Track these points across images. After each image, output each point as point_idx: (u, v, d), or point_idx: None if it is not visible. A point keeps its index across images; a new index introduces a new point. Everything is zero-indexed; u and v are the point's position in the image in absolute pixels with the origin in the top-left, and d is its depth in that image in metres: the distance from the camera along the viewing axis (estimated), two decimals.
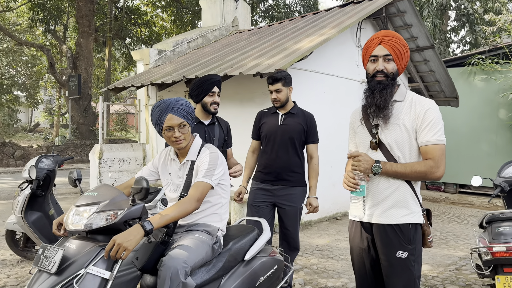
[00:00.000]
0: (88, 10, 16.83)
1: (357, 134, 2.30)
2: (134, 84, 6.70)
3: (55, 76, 17.01)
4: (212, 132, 3.28)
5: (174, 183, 2.43)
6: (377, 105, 2.10)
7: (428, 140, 2.04)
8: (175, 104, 2.29)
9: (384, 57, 2.09)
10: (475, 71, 9.49)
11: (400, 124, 2.08)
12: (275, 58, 5.23)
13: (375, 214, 2.15)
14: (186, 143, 2.35)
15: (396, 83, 2.16)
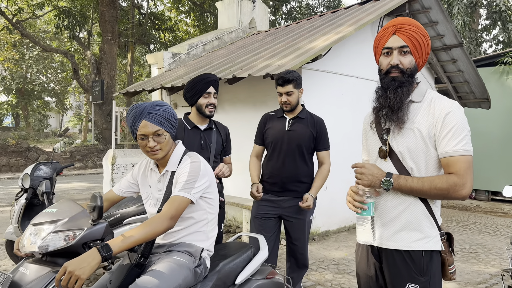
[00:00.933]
0: (111, 16, 16.99)
1: (367, 140, 1.97)
2: (145, 88, 6.53)
3: (79, 81, 17.24)
4: (208, 138, 3.01)
5: (153, 196, 2.15)
6: (390, 106, 1.74)
7: (451, 151, 1.65)
8: (150, 108, 1.99)
9: (400, 49, 1.74)
10: (507, 71, 8.88)
11: (415, 129, 1.72)
12: (286, 58, 4.92)
13: (383, 237, 1.80)
14: (164, 153, 2.06)
15: (415, 81, 1.80)
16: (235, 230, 5.95)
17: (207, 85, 2.90)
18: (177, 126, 2.15)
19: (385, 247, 1.79)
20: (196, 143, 2.94)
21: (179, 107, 7.52)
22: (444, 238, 1.78)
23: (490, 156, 9.11)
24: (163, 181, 2.12)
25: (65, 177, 13.61)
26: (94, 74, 17.54)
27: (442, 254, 1.77)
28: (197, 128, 2.99)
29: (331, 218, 6.05)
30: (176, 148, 2.16)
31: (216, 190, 2.23)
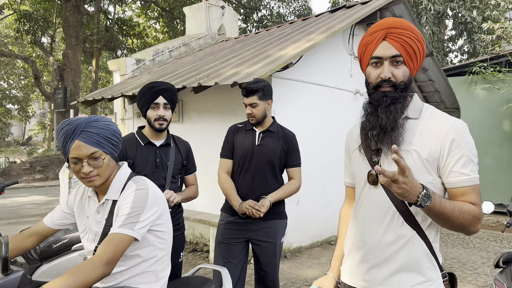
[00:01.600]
0: (75, 21, 16.37)
1: (352, 161, 1.68)
2: (105, 96, 6.10)
3: (40, 88, 16.46)
4: (165, 156, 2.65)
5: (91, 229, 1.78)
6: (382, 127, 1.45)
7: (465, 180, 1.39)
8: (85, 126, 1.63)
9: (392, 59, 1.44)
10: (476, 80, 8.94)
11: (413, 151, 1.43)
12: (256, 66, 4.65)
13: (372, 279, 1.51)
14: (103, 180, 1.69)
15: (409, 94, 1.52)
16: (202, 248, 5.58)
17: (155, 94, 2.53)
18: (120, 145, 1.79)
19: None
20: (150, 162, 2.58)
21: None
22: (447, 280, 1.51)
23: None
24: (102, 212, 1.76)
25: (23, 189, 12.84)
26: (57, 81, 16.81)
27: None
28: (152, 144, 2.62)
29: (304, 233, 5.79)
30: (120, 172, 1.79)
31: (169, 220, 1.89)
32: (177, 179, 2.72)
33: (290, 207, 4.64)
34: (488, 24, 12.65)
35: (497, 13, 14.68)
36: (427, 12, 10.74)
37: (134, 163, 2.53)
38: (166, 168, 2.63)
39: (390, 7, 6.61)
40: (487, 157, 8.85)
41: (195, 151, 3.05)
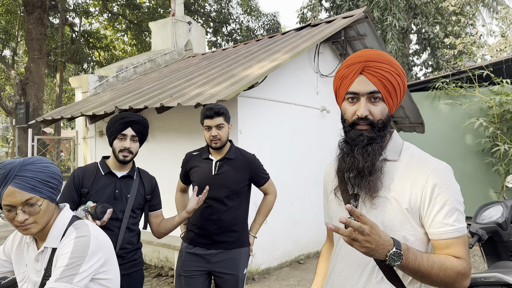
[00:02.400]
0: (39, 33, 15.86)
1: (329, 203, 1.56)
2: (64, 116, 5.85)
3: (1, 103, 15.80)
4: (126, 188, 2.50)
5: (30, 279, 1.62)
6: (359, 170, 1.34)
7: (448, 231, 1.28)
8: (19, 170, 1.48)
9: (369, 96, 1.34)
10: (439, 96, 9.17)
11: (392, 199, 1.33)
12: (220, 86, 4.56)
13: None
14: (40, 227, 1.55)
15: (388, 132, 1.42)
16: (168, 272, 5.39)
17: (124, 126, 2.42)
18: (61, 187, 1.65)
19: None
20: (107, 192, 2.44)
21: (105, 135, 6.88)
22: None
23: None
24: (41, 260, 1.61)
25: None
26: (19, 96, 16.19)
27: None
28: (112, 175, 2.49)
29: (272, 253, 5.69)
30: (60, 216, 1.64)
31: (116, 265, 1.75)
32: (137, 214, 2.56)
33: None
34: (450, 40, 13.11)
35: (458, 28, 15.25)
36: (392, 28, 10.99)
37: (89, 193, 2.40)
38: (126, 202, 2.48)
39: (354, 26, 6.69)
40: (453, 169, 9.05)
41: (161, 171, 2.96)
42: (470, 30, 18.02)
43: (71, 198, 2.38)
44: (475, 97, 8.50)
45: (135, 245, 2.55)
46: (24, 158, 1.55)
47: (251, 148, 5.17)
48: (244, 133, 5.15)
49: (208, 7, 20.94)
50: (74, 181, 2.41)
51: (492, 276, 2.77)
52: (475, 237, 3.49)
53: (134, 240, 2.52)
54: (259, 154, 5.33)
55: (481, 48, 14.53)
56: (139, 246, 2.61)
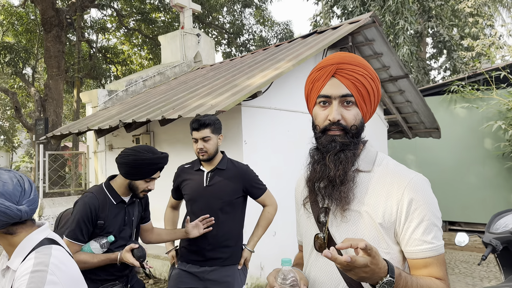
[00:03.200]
0: (57, 51, 16.27)
1: (300, 218, 1.47)
2: (72, 131, 5.92)
3: (21, 120, 16.22)
4: (131, 212, 2.47)
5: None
6: (330, 179, 1.25)
7: (426, 249, 1.19)
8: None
9: (342, 99, 1.26)
10: (455, 99, 8.91)
11: (364, 213, 1.23)
12: (221, 97, 4.52)
13: None
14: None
15: (361, 141, 1.34)
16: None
17: (155, 171, 2.34)
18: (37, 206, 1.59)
19: None
20: (119, 221, 2.38)
21: (115, 148, 6.92)
22: None
23: (444, 185, 8.99)
24: (7, 276, 1.53)
25: None
26: (38, 112, 16.57)
27: None
28: (123, 203, 2.42)
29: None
30: (29, 237, 1.53)
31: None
32: (138, 231, 2.60)
33: (266, 239, 4.45)
34: (468, 41, 12.79)
35: (476, 30, 14.90)
36: (404, 32, 10.79)
37: (105, 224, 2.32)
38: (131, 224, 2.46)
39: (361, 31, 6.57)
40: (471, 175, 8.76)
41: (167, 182, 2.97)
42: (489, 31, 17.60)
43: (87, 231, 2.26)
44: (493, 100, 8.23)
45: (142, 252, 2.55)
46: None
47: (257, 158, 5.10)
48: (249, 143, 5.07)
49: (221, 19, 21.10)
50: (91, 214, 2.26)
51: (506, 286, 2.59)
52: (489, 248, 3.33)
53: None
54: (266, 165, 5.25)
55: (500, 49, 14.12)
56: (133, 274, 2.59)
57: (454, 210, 8.87)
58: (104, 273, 2.31)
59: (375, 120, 8.08)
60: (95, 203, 2.28)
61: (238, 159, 4.95)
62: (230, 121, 5.01)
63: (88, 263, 2.21)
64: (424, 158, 9.36)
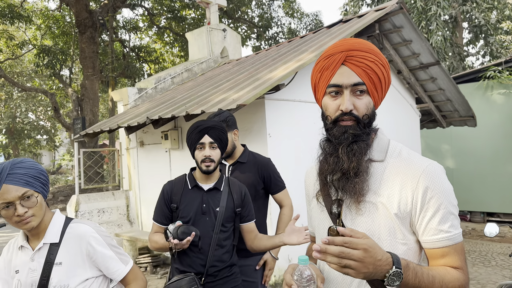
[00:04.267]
0: (91, 51, 16.82)
1: (311, 211, 1.46)
2: (103, 129, 6.11)
3: (60, 120, 16.91)
4: (213, 202, 2.32)
5: (24, 282, 1.65)
6: (344, 172, 1.22)
7: (443, 238, 1.17)
8: (10, 169, 1.57)
9: (353, 88, 1.22)
10: (492, 85, 8.53)
11: (379, 204, 1.21)
12: (243, 91, 4.53)
13: None
14: (39, 220, 1.64)
15: (373, 130, 1.30)
16: None
17: (200, 134, 2.28)
18: (48, 184, 1.71)
19: None
20: (195, 207, 2.29)
21: (146, 145, 7.09)
22: None
23: (482, 175, 8.66)
24: (38, 258, 1.66)
25: None
26: (76, 111, 17.23)
27: None
28: (199, 188, 2.34)
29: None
30: (56, 215, 1.76)
31: None
32: (227, 228, 2.35)
33: None
34: (508, 24, 12.19)
35: None
36: (437, 18, 10.40)
37: (178, 208, 2.30)
38: (215, 215, 2.30)
39: (389, 18, 6.38)
40: (510, 164, 8.38)
41: None
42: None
43: (164, 214, 2.33)
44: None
45: (227, 262, 2.34)
46: (12, 159, 1.64)
47: (282, 151, 5.09)
48: (273, 136, 5.07)
49: (250, 13, 21.09)
50: (164, 197, 2.33)
51: None
52: None
53: (225, 257, 2.31)
54: (291, 157, 5.23)
55: None
56: (232, 263, 2.39)
57: (492, 201, 8.53)
58: (179, 264, 2.29)
59: (406, 110, 7.87)
60: (168, 187, 2.36)
61: (263, 152, 4.97)
62: (254, 115, 5.02)
63: (158, 243, 2.26)
64: (460, 147, 9.03)
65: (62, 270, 1.66)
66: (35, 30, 20.13)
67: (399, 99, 7.65)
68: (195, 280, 2.15)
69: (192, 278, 2.15)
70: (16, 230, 11.41)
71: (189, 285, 2.12)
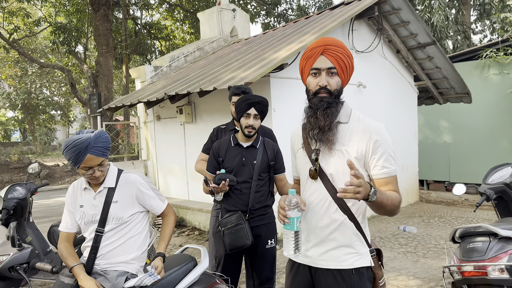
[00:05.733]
0: (105, 29, 17.23)
1: (297, 159, 1.99)
2: (125, 103, 6.75)
3: (77, 95, 17.55)
4: (251, 156, 2.96)
5: (87, 213, 2.30)
6: (320, 128, 1.77)
7: (385, 172, 1.75)
8: (94, 143, 2.13)
9: (328, 71, 1.77)
10: (489, 64, 8.94)
11: (344, 150, 1.76)
12: (250, 70, 5.10)
13: (313, 255, 1.85)
14: (103, 177, 2.28)
15: (340, 101, 1.85)
16: None
17: (248, 106, 2.87)
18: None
19: (317, 266, 1.84)
20: (236, 160, 2.95)
21: (162, 119, 7.73)
22: (374, 254, 1.85)
23: (477, 150, 9.18)
24: (99, 198, 2.29)
25: (65, 190, 13.93)
26: (91, 87, 17.84)
27: (372, 269, 1.83)
28: (240, 146, 2.99)
29: None
30: (112, 167, 2.35)
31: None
32: (263, 177, 2.98)
33: None
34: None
35: None
36: None
37: (223, 161, 2.96)
38: (252, 167, 2.94)
39: (388, 0, 6.83)
40: (504, 139, 8.88)
41: None
42: None
43: (213, 165, 2.99)
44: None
45: (263, 202, 2.98)
46: (94, 134, 2.18)
47: (285, 124, 5.68)
48: (277, 111, 5.66)
49: None
50: (213, 152, 3.01)
51: (479, 226, 3.08)
52: (483, 196, 3.76)
53: (262, 199, 2.96)
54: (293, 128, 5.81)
55: None
56: (267, 204, 3.02)
57: None
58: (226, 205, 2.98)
59: (405, 87, 8.36)
60: (217, 144, 3.05)
61: (268, 125, 5.55)
62: (260, 91, 5.59)
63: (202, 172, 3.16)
64: (457, 123, 9.52)
65: (118, 206, 2.30)
66: (49, 7, 20.56)
67: (398, 77, 8.14)
68: (241, 216, 2.85)
69: (239, 215, 2.86)
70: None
71: (238, 219, 2.84)
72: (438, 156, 9.86)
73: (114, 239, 2.28)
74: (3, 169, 14.82)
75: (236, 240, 2.83)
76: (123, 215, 2.30)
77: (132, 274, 2.29)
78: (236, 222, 2.85)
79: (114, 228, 2.28)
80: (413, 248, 5.54)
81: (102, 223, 2.26)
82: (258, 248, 2.98)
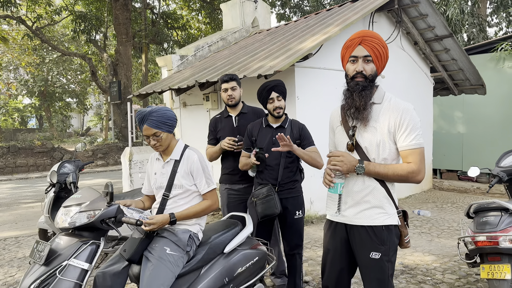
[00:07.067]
0: (124, 18, 17.61)
1: (336, 135, 2.30)
2: (155, 90, 7.15)
3: (97, 83, 18.04)
4: None
5: (158, 180, 2.71)
6: (356, 107, 2.08)
7: (408, 145, 2.04)
8: (149, 115, 2.52)
9: (364, 58, 2.06)
10: (504, 57, 9.15)
11: (377, 127, 2.08)
12: (278, 59, 5.44)
13: (349, 215, 2.16)
14: (164, 148, 2.63)
15: (375, 85, 2.14)
16: None
17: (269, 92, 3.23)
18: (175, 125, 2.68)
19: (352, 223, 2.16)
20: (267, 139, 3.31)
21: (188, 105, 8.12)
22: (401, 215, 2.18)
23: (490, 139, 9.43)
24: (167, 167, 2.68)
25: (88, 174, 14.47)
26: (111, 75, 18.28)
27: (399, 227, 2.17)
28: (270, 127, 3.36)
29: None
30: (179, 142, 2.73)
31: None
32: (291, 154, 3.27)
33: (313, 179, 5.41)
34: None
35: None
36: None
37: (256, 140, 3.35)
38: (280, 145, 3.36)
39: None
40: None
41: None
42: None
43: (247, 143, 3.40)
44: None
45: (292, 178, 3.32)
46: (152, 108, 2.59)
47: (308, 112, 6.02)
48: (301, 99, 6.00)
49: None
50: (247, 132, 3.41)
51: (493, 202, 3.42)
52: (496, 178, 4.09)
53: (290, 174, 3.30)
54: (316, 117, 6.18)
55: None
56: (296, 179, 3.35)
57: None
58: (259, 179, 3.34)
59: (421, 78, 8.63)
60: (250, 126, 3.43)
61: (291, 113, 5.93)
62: (285, 80, 5.92)
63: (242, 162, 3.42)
64: (471, 114, 9.77)
65: (180, 176, 2.67)
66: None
67: (415, 68, 8.42)
68: (271, 188, 3.22)
69: (270, 187, 3.22)
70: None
71: (268, 191, 3.20)
72: (452, 146, 10.13)
73: (177, 204, 2.66)
74: (28, 153, 15.40)
75: (267, 209, 3.20)
76: (183, 183, 2.67)
77: (194, 233, 2.68)
78: (267, 193, 3.22)
79: (178, 195, 2.66)
80: (428, 229, 5.89)
81: (168, 188, 2.65)
82: (287, 218, 3.35)
